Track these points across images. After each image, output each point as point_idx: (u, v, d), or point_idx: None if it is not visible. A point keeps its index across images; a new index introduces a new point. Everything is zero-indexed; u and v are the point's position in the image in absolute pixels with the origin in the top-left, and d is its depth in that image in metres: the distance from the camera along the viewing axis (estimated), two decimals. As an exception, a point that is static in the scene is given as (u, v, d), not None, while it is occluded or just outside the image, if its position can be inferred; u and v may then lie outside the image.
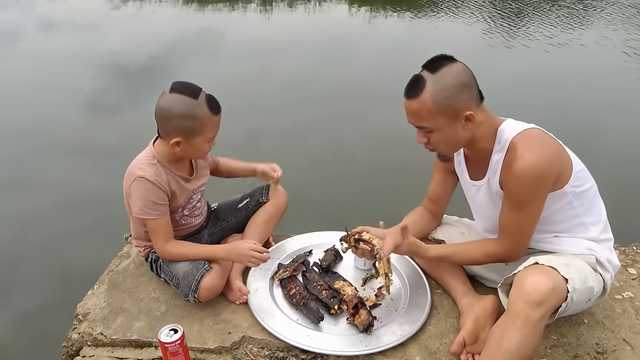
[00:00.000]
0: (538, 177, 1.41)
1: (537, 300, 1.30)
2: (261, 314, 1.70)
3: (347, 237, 1.71)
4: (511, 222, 1.51)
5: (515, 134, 1.46)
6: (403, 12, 8.59)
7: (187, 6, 9.32)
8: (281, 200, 2.06)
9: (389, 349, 1.59)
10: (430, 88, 1.41)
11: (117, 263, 2.02)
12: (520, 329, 1.30)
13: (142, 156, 1.73)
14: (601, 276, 1.51)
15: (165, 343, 1.42)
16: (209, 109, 1.62)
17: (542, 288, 1.31)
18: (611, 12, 8.22)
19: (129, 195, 1.71)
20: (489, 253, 1.59)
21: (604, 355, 1.57)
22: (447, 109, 1.42)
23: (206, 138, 1.67)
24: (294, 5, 9.37)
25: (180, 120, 1.62)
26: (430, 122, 1.45)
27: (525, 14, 8.27)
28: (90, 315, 1.76)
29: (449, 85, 1.42)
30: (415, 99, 1.44)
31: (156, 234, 1.73)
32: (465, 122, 1.45)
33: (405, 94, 1.48)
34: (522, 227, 1.51)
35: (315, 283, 1.79)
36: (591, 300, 1.52)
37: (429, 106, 1.42)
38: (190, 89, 1.62)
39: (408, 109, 1.48)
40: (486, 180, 1.58)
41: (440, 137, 1.48)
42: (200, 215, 1.94)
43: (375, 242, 1.65)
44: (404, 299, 1.79)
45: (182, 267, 1.73)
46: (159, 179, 1.69)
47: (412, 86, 1.45)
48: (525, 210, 1.47)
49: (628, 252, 2.06)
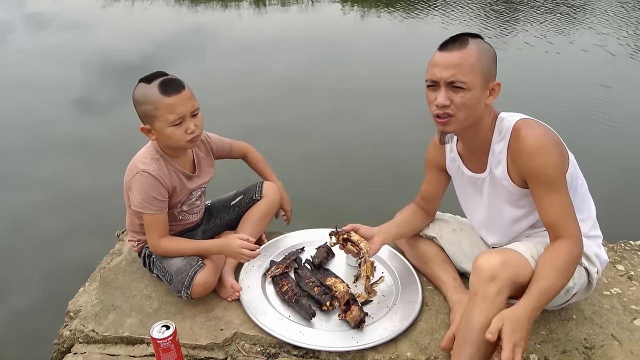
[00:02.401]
0: (554, 144, 1.42)
1: (489, 274, 1.33)
2: (253, 310, 1.71)
3: (337, 234, 1.73)
4: (558, 208, 1.42)
5: (516, 120, 1.47)
6: (396, 11, 8.61)
7: (180, 4, 9.29)
8: (274, 198, 2.06)
9: (380, 345, 1.60)
10: (474, 46, 1.40)
11: (108, 260, 2.02)
12: (479, 306, 1.34)
13: (146, 150, 1.74)
14: (586, 270, 1.53)
15: (157, 339, 1.42)
16: (160, 91, 1.59)
17: (491, 262, 1.35)
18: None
19: (129, 187, 1.72)
20: (566, 258, 1.39)
21: (592, 350, 1.60)
22: (485, 70, 1.41)
23: (166, 121, 1.61)
24: (287, 4, 9.36)
25: (139, 106, 1.65)
26: (469, 77, 1.39)
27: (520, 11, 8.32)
28: (82, 312, 1.76)
29: (488, 51, 1.44)
30: (459, 51, 1.39)
31: (151, 229, 1.73)
32: (488, 94, 1.45)
33: (445, 46, 1.42)
34: (569, 209, 1.43)
35: (307, 280, 1.80)
36: (572, 292, 1.53)
37: (472, 60, 1.39)
38: (149, 76, 1.63)
39: (448, 61, 1.40)
40: (488, 172, 1.57)
41: (469, 99, 1.41)
42: (199, 213, 1.94)
43: (362, 245, 1.68)
44: (396, 295, 1.81)
45: (175, 263, 1.73)
46: (161, 174, 1.69)
47: (455, 40, 1.42)
48: (561, 186, 1.42)
49: (616, 248, 2.09)
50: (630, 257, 2.03)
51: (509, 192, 1.55)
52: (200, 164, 1.86)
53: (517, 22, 7.82)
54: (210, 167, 1.92)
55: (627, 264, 1.99)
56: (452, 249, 1.84)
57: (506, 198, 1.57)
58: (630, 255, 2.04)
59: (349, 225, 1.72)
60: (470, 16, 8.06)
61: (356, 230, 1.72)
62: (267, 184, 2.06)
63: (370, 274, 1.73)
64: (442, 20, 7.85)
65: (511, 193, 1.54)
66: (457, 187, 1.77)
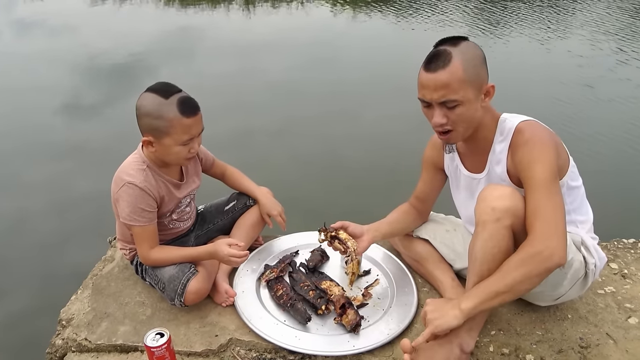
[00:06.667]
0: (552, 147, 1.41)
1: (490, 204, 1.36)
2: (248, 315, 1.69)
3: (325, 231, 1.75)
4: (533, 207, 1.34)
5: (519, 121, 1.47)
6: (387, 12, 8.62)
7: (169, 6, 9.25)
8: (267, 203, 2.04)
9: (376, 348, 1.59)
10: (459, 58, 1.38)
11: (100, 267, 2.00)
12: (479, 235, 1.39)
13: (132, 160, 1.71)
14: (584, 259, 1.53)
15: (152, 347, 1.41)
16: (179, 110, 1.57)
17: (494, 193, 1.38)
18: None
19: (117, 200, 1.69)
20: (524, 256, 1.30)
21: (588, 349, 1.60)
22: (475, 78, 1.40)
23: (177, 140, 1.61)
24: (276, 6, 9.35)
25: (148, 118, 1.60)
26: (460, 93, 1.38)
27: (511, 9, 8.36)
28: (74, 320, 1.74)
29: (475, 55, 1.41)
30: (444, 70, 1.37)
31: (141, 241, 1.71)
32: (483, 98, 1.45)
33: (429, 67, 1.40)
34: (550, 208, 1.32)
35: (302, 284, 1.79)
36: (571, 279, 1.52)
37: (460, 75, 1.37)
38: (164, 89, 1.60)
39: (435, 82, 1.39)
40: (486, 172, 1.58)
41: (464, 112, 1.41)
42: (189, 219, 1.92)
43: (349, 243, 1.70)
44: (391, 297, 1.80)
45: (167, 270, 1.71)
46: (148, 185, 1.67)
47: (438, 58, 1.39)
48: (545, 188, 1.35)
49: (609, 247, 2.09)
50: (623, 255, 2.04)
51: None
52: (188, 172, 1.84)
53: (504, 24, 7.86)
54: (198, 173, 1.90)
55: (621, 262, 2.00)
56: (446, 249, 1.84)
57: None
58: (623, 254, 2.05)
59: (338, 223, 1.74)
60: (462, 15, 8.10)
61: (345, 227, 1.74)
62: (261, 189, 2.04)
63: (356, 271, 1.79)
64: (433, 19, 7.88)
65: None
66: (453, 187, 1.77)
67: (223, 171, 2.03)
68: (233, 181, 2.04)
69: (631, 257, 2.03)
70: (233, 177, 2.04)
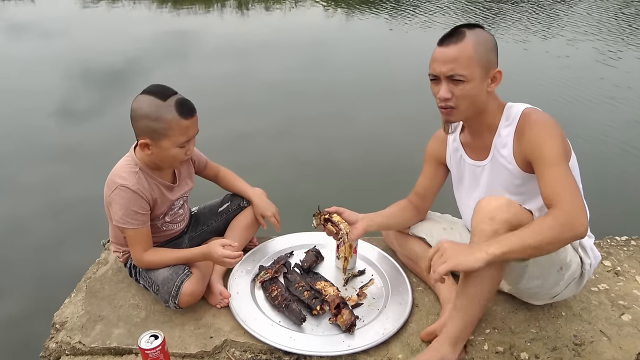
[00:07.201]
0: (560, 131, 1.44)
1: (488, 214, 1.37)
2: (243, 317, 1.69)
3: (319, 214, 1.75)
4: (555, 180, 1.36)
5: (525, 107, 1.51)
6: (379, 13, 8.64)
7: (162, 8, 9.23)
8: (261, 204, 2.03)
9: (371, 348, 1.59)
10: (471, 38, 1.44)
11: (94, 270, 1.99)
12: (475, 241, 1.38)
13: (124, 163, 1.70)
14: (580, 259, 1.55)
15: (146, 350, 1.40)
16: (177, 112, 1.57)
17: (492, 203, 1.39)
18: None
19: (110, 203, 1.68)
20: (556, 221, 1.30)
21: (582, 346, 1.61)
22: (484, 60, 1.45)
23: (174, 142, 1.61)
24: (270, 8, 9.35)
25: (146, 121, 1.59)
26: (467, 70, 1.44)
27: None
28: (68, 323, 1.73)
29: (487, 40, 1.47)
30: (456, 45, 1.44)
31: (135, 243, 1.70)
32: (490, 82, 1.49)
33: (443, 41, 1.47)
34: (569, 182, 1.36)
35: (297, 284, 1.79)
36: (568, 279, 1.55)
37: (469, 53, 1.43)
38: (161, 91, 1.59)
39: (445, 56, 1.45)
40: (490, 158, 1.59)
41: (469, 90, 1.46)
42: (183, 221, 1.92)
43: (342, 226, 1.72)
44: (386, 297, 1.80)
45: (161, 273, 1.71)
46: (141, 187, 1.66)
47: (453, 34, 1.46)
48: (561, 162, 1.39)
49: (602, 244, 2.11)
50: (616, 252, 2.05)
51: (511, 176, 1.55)
52: (180, 174, 1.83)
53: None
54: (191, 176, 1.90)
55: (614, 259, 2.01)
56: None
57: (505, 185, 1.57)
58: (616, 251, 2.06)
59: (333, 208, 1.76)
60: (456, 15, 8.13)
61: (340, 213, 1.75)
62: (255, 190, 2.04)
63: (348, 255, 1.79)
64: (427, 19, 7.90)
65: (513, 176, 1.54)
66: (456, 182, 1.78)
67: (216, 173, 2.02)
68: (226, 182, 2.04)
69: (624, 254, 2.04)
70: (226, 178, 2.03)
